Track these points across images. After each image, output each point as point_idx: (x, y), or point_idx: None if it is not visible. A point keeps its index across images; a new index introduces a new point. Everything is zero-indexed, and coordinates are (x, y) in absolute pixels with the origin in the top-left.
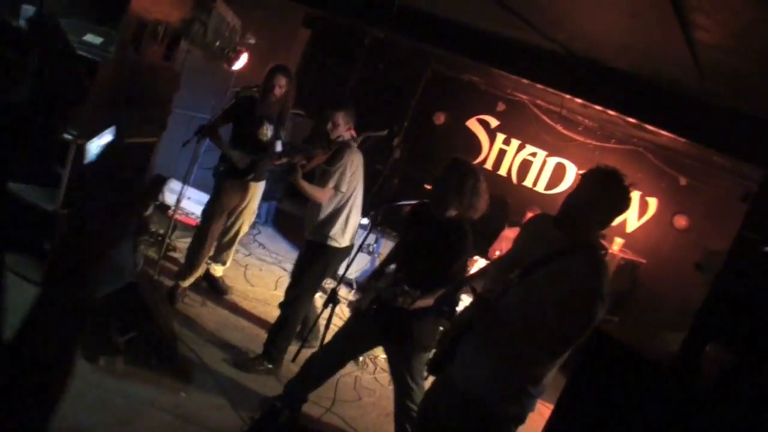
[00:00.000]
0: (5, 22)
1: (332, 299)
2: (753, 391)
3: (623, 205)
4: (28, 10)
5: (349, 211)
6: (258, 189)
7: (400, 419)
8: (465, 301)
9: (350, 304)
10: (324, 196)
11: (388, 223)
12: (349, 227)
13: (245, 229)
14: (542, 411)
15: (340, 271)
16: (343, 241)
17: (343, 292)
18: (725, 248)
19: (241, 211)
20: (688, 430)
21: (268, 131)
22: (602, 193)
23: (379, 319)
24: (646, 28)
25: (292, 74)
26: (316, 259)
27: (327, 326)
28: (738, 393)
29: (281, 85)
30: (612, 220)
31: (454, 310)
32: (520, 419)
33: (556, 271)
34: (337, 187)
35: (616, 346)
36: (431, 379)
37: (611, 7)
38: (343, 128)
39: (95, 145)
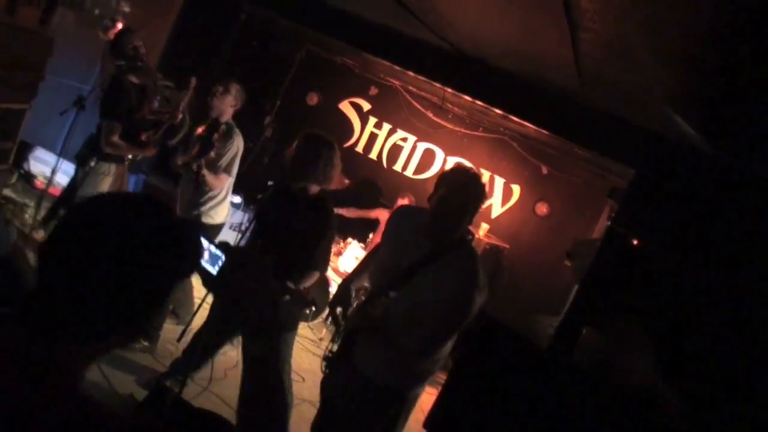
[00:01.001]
0: None
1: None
2: (620, 373)
3: (483, 199)
4: None
5: (228, 191)
6: None
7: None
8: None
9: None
10: (223, 184)
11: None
12: (225, 204)
13: None
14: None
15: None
16: (218, 218)
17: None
18: (591, 237)
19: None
20: (564, 409)
21: (154, 104)
22: (467, 197)
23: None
24: (537, 35)
25: None
26: None
27: (212, 308)
28: (607, 374)
29: (144, 49)
30: (476, 215)
31: (348, 309)
32: (419, 394)
33: (434, 270)
34: (230, 173)
35: (499, 330)
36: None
37: (507, 14)
38: (230, 102)
39: None
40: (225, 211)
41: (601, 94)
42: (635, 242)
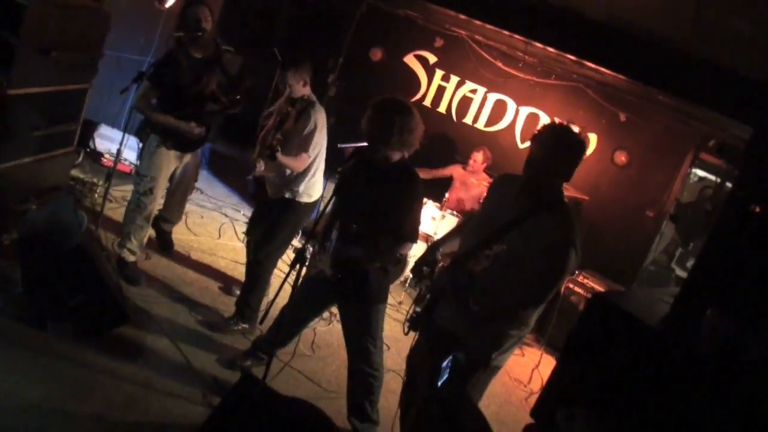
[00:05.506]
0: None
1: (300, 258)
2: (750, 357)
3: (581, 155)
4: None
5: (317, 167)
6: None
7: (356, 384)
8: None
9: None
10: (302, 165)
11: None
12: (317, 181)
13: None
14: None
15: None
16: (313, 196)
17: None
18: (698, 198)
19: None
20: (690, 395)
21: (210, 82)
22: (562, 152)
23: (336, 277)
24: None
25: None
26: (285, 215)
27: (295, 285)
28: (736, 359)
29: (208, 19)
30: (574, 172)
31: (434, 271)
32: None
33: (529, 229)
34: (310, 152)
35: (615, 311)
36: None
37: None
38: (300, 86)
39: None
40: (318, 188)
41: (718, 48)
42: (757, 209)
